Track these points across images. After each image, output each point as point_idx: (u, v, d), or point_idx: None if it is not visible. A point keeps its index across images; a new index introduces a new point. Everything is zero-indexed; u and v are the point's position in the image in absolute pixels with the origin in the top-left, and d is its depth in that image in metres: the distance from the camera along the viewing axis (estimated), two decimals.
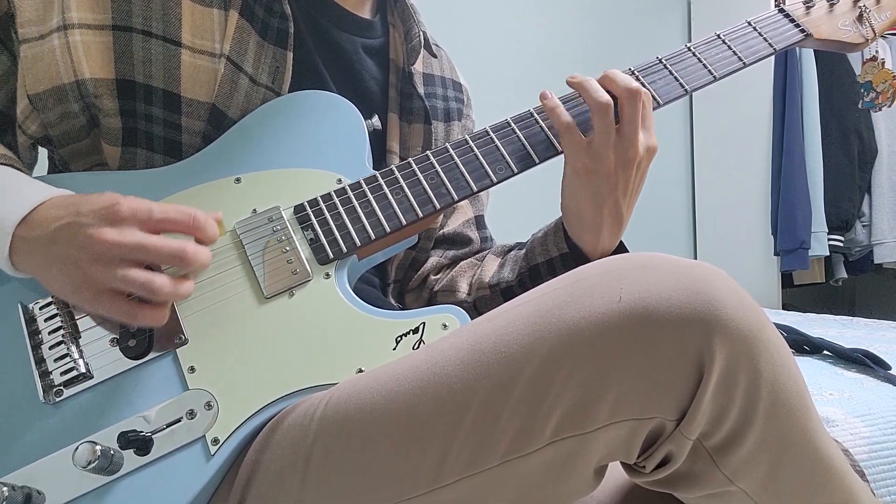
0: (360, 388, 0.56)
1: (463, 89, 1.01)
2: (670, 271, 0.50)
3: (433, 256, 0.98)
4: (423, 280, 0.99)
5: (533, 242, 0.88)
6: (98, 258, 0.56)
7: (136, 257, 0.57)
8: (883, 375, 1.13)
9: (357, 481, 0.54)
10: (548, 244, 0.85)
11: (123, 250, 0.56)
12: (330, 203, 0.71)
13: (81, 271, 0.56)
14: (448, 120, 0.94)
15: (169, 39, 0.71)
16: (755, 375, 0.49)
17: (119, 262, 0.56)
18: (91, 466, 0.54)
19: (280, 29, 0.76)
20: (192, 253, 0.59)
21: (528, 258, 0.87)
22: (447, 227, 0.99)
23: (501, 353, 0.51)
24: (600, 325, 0.49)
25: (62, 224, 0.57)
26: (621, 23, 2.85)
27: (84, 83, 0.69)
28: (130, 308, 0.58)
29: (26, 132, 0.72)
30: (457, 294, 0.93)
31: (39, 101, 0.70)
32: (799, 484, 0.53)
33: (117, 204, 0.57)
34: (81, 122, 0.72)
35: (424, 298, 0.98)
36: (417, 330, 0.65)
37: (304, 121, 0.75)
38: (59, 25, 0.68)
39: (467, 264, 0.97)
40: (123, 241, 0.56)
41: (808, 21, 0.88)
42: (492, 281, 0.90)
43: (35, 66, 0.69)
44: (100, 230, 0.56)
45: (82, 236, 0.56)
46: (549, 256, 0.84)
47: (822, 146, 2.48)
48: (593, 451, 0.51)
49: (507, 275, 0.89)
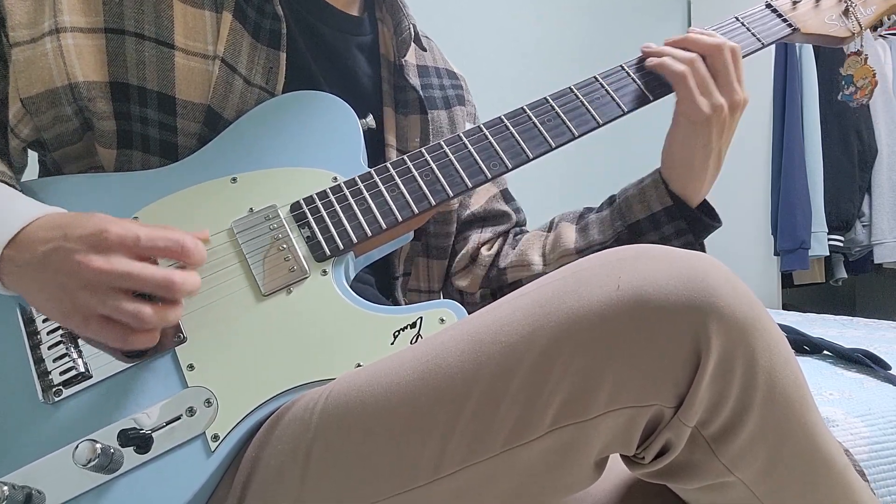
0: (360, 382, 0.57)
1: (458, 76, 1.02)
2: (667, 260, 0.51)
3: (473, 234, 0.97)
4: (472, 258, 0.97)
5: (628, 200, 0.87)
6: (86, 285, 0.56)
7: (124, 285, 0.56)
8: (883, 375, 1.13)
9: (358, 474, 0.54)
10: (648, 199, 0.85)
11: (111, 278, 0.56)
12: (326, 200, 0.72)
13: (70, 297, 0.56)
14: (449, 107, 0.95)
15: (162, 42, 0.71)
16: (752, 362, 0.49)
17: (107, 290, 0.56)
18: (91, 465, 0.54)
19: (272, 30, 0.76)
20: (180, 282, 0.58)
21: (625, 216, 0.86)
22: (474, 207, 0.98)
23: (501, 343, 0.51)
24: (598, 313, 0.49)
25: (50, 248, 0.57)
26: (621, 22, 2.85)
27: (77, 86, 0.70)
28: (121, 333, 0.58)
29: (19, 136, 0.72)
30: (532, 267, 0.91)
31: (32, 104, 0.70)
32: (797, 474, 0.53)
33: (105, 231, 0.57)
34: (74, 126, 0.72)
35: (483, 276, 0.96)
36: (415, 324, 0.65)
37: (299, 121, 0.76)
38: (51, 29, 0.69)
39: (533, 236, 0.95)
40: (111, 269, 0.56)
41: (795, 16, 0.89)
42: (580, 245, 0.89)
43: (28, 69, 0.69)
44: (88, 257, 0.56)
45: (71, 263, 0.56)
46: (651, 211, 0.84)
47: (822, 146, 2.49)
48: (593, 441, 0.51)
49: (597, 236, 0.88)
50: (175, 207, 0.70)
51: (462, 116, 0.97)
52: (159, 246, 0.59)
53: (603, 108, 0.79)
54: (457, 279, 0.98)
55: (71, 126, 0.72)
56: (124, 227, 0.58)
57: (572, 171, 2.60)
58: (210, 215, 0.70)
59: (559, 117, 0.78)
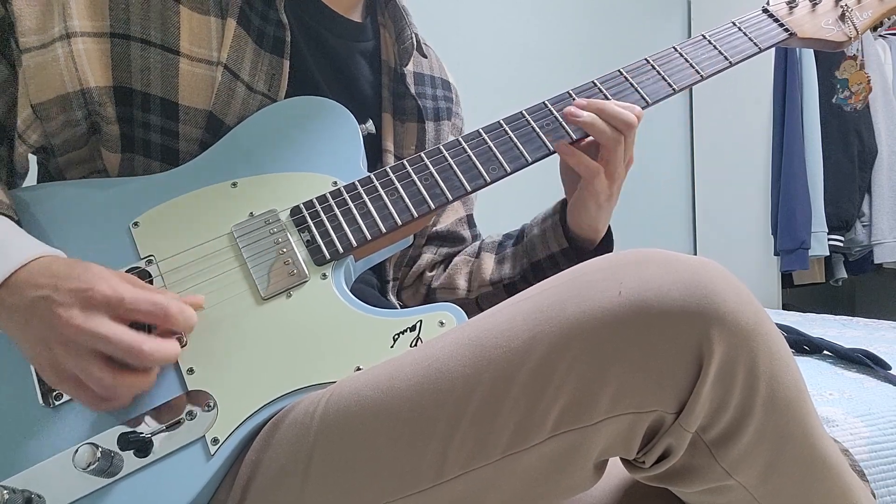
0: (361, 385, 0.57)
1: (452, 87, 1.02)
2: (669, 266, 0.51)
3: (427, 253, 1.00)
4: (418, 276, 1.00)
5: (532, 240, 0.92)
6: (65, 342, 0.55)
7: (98, 347, 0.56)
8: (883, 375, 1.12)
9: (359, 478, 0.54)
10: (548, 240, 0.90)
11: (86, 337, 0.55)
12: (326, 205, 0.72)
13: (49, 352, 0.56)
14: (437, 119, 0.95)
15: (167, 48, 0.71)
16: (753, 368, 0.49)
17: (82, 351, 0.56)
18: (91, 468, 0.55)
19: (276, 37, 0.76)
20: (148, 351, 0.57)
21: (529, 254, 0.92)
22: (440, 225, 1.01)
23: (502, 348, 0.51)
24: (600, 318, 0.49)
25: (38, 296, 0.57)
26: (621, 24, 2.85)
27: (89, 91, 0.70)
28: (92, 398, 0.58)
29: (26, 142, 0.71)
30: (456, 291, 0.96)
31: (43, 110, 0.70)
32: (797, 477, 0.53)
33: (91, 289, 0.56)
34: (82, 130, 0.72)
35: (422, 294, 1.00)
36: (415, 328, 0.65)
37: (299, 126, 0.76)
38: (61, 34, 0.68)
39: (461, 261, 1.00)
40: (87, 329, 0.55)
41: (792, 20, 0.90)
42: (493, 278, 0.95)
43: (38, 75, 0.69)
44: (69, 312, 0.55)
45: (53, 316, 0.55)
46: (549, 252, 0.90)
47: (822, 146, 2.48)
48: (594, 445, 0.51)
49: (507, 271, 0.94)
50: (176, 212, 0.70)
51: (448, 130, 0.97)
52: (141, 309, 0.58)
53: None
54: (404, 293, 1.01)
55: (79, 131, 0.72)
56: (112, 286, 0.57)
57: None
58: (210, 220, 0.70)
59: (557, 121, 0.78)
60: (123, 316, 0.57)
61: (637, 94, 0.81)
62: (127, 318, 0.58)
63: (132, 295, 0.58)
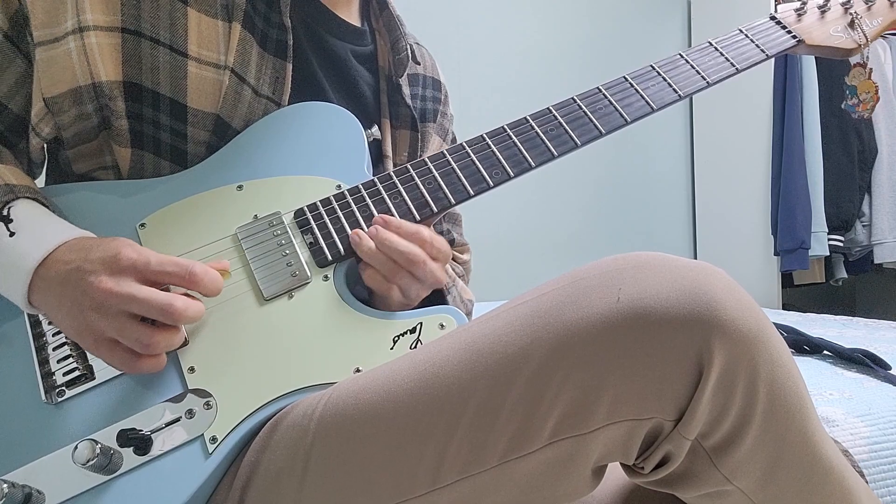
0: (359, 388, 0.57)
1: (441, 87, 1.01)
2: (669, 271, 0.50)
3: None
4: None
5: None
6: (97, 306, 0.57)
7: (130, 308, 0.57)
8: (883, 375, 1.13)
9: (356, 481, 0.54)
10: None
11: (117, 300, 0.57)
12: (329, 208, 0.72)
13: (83, 317, 0.58)
14: (423, 121, 0.95)
15: (176, 50, 0.71)
16: (754, 376, 0.49)
17: (115, 313, 0.57)
18: (91, 464, 0.55)
19: (279, 40, 0.76)
20: (181, 308, 0.59)
21: None
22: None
23: (499, 354, 0.51)
24: (598, 325, 0.49)
25: (71, 268, 0.59)
26: (621, 25, 2.84)
27: (100, 85, 0.70)
28: (128, 358, 0.59)
29: (39, 134, 0.72)
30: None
31: (55, 103, 0.70)
32: (796, 483, 0.53)
33: (118, 254, 0.58)
34: (93, 123, 0.73)
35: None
36: (415, 330, 0.66)
37: (304, 130, 0.76)
38: (74, 28, 0.69)
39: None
40: (117, 291, 0.57)
41: (800, 28, 0.89)
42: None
43: (51, 68, 0.69)
44: (99, 278, 0.57)
45: (84, 282, 0.58)
46: None
47: (822, 146, 2.48)
48: (591, 452, 0.51)
49: None
50: (182, 214, 0.71)
51: (431, 133, 0.96)
52: (168, 270, 0.60)
53: (606, 118, 0.79)
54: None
55: (90, 124, 0.73)
56: (138, 251, 0.59)
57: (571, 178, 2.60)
58: (215, 221, 0.71)
59: (561, 126, 0.78)
60: (150, 278, 0.59)
61: (642, 99, 0.80)
62: (154, 280, 0.60)
63: (158, 258, 0.60)
